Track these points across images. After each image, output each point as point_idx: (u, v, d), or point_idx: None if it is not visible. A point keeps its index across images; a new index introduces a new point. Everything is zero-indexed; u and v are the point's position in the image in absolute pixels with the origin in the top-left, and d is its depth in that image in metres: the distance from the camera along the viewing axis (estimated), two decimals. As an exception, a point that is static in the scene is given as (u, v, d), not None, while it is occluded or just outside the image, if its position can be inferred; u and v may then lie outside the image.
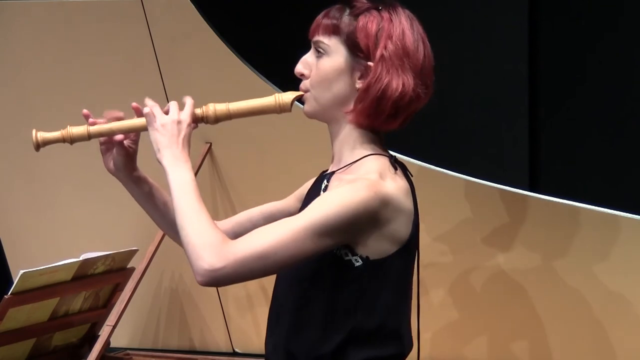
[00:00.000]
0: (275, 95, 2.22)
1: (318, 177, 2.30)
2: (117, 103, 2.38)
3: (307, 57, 2.23)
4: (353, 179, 2.12)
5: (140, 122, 2.24)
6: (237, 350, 3.78)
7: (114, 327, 3.34)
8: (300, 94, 2.22)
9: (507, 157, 4.02)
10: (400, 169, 2.21)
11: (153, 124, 2.18)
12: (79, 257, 3.31)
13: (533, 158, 4.00)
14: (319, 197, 2.13)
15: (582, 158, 3.95)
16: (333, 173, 2.22)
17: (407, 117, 2.20)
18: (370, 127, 2.20)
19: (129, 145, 2.31)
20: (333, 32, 2.18)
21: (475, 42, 4.03)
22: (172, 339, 3.84)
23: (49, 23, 3.58)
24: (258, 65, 3.33)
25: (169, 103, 2.22)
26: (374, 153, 2.19)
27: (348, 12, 2.19)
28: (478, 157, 4.01)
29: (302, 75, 2.22)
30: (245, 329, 3.72)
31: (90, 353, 3.29)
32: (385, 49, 2.15)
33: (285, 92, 2.22)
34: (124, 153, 2.31)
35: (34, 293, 3.20)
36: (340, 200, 2.07)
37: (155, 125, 2.18)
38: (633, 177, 3.85)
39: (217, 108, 2.23)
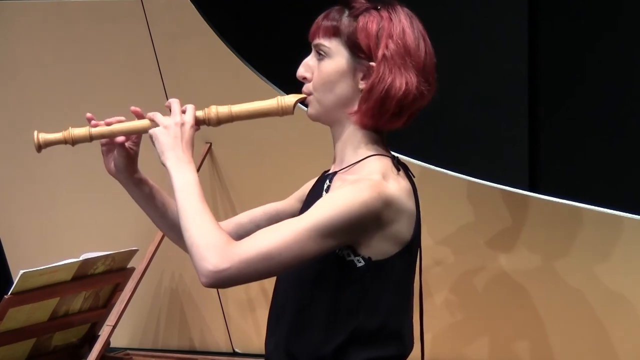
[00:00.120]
0: (278, 98, 2.21)
1: (320, 177, 2.30)
2: (117, 103, 2.38)
3: (308, 60, 2.22)
4: (356, 179, 2.12)
5: (142, 124, 2.23)
6: (237, 351, 3.77)
7: (114, 327, 3.33)
8: (303, 97, 2.22)
9: (507, 157, 4.01)
10: (403, 170, 2.21)
11: (156, 127, 2.18)
12: (79, 257, 3.30)
13: (533, 158, 4.00)
14: (323, 198, 2.13)
15: (582, 158, 3.95)
16: (335, 173, 2.22)
17: (411, 115, 2.20)
18: (374, 127, 2.20)
19: (130, 147, 2.30)
20: (333, 34, 2.18)
21: (475, 41, 4.02)
22: (172, 339, 3.84)
23: (49, 23, 3.57)
24: (258, 66, 3.32)
25: (171, 101, 2.21)
26: (377, 154, 2.20)
27: (347, 13, 2.19)
28: (478, 156, 4.00)
29: (304, 79, 2.22)
30: (246, 329, 3.72)
31: (90, 353, 3.29)
32: (387, 49, 2.15)
33: (288, 94, 2.22)
34: (125, 155, 2.30)
35: (34, 293, 3.20)
36: (344, 201, 2.07)
37: (159, 128, 2.18)
38: (633, 176, 3.85)
39: (219, 110, 2.22)
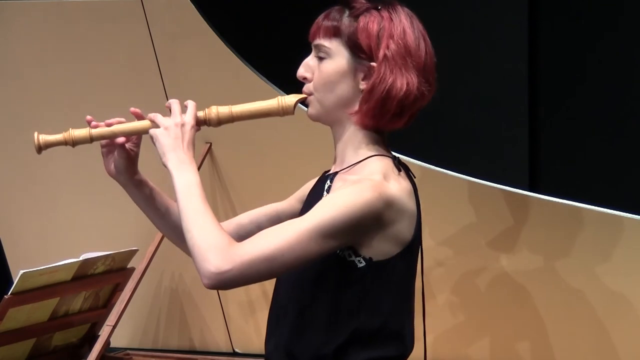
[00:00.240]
0: (279, 98, 2.21)
1: (320, 177, 2.30)
2: (117, 103, 2.38)
3: (308, 60, 2.22)
4: (357, 180, 2.12)
5: (143, 125, 2.23)
6: (237, 351, 3.77)
7: (114, 327, 3.33)
8: (304, 97, 2.22)
9: (507, 157, 4.01)
10: (403, 170, 2.21)
11: (157, 128, 2.18)
12: (79, 257, 3.30)
13: (533, 158, 4.00)
14: (324, 199, 2.13)
15: (582, 158, 3.95)
16: (336, 173, 2.22)
17: (411, 115, 2.20)
18: (375, 127, 2.20)
19: (131, 148, 2.30)
20: (334, 34, 2.18)
21: (475, 41, 4.02)
22: (172, 339, 3.83)
23: (49, 23, 3.56)
24: (258, 66, 3.32)
25: (171, 101, 2.21)
26: (378, 154, 2.20)
27: (348, 13, 2.19)
28: (478, 156, 4.00)
29: (304, 79, 2.22)
30: (246, 329, 3.72)
31: (90, 353, 3.29)
32: (388, 49, 2.15)
33: (288, 94, 2.22)
34: (126, 156, 2.30)
35: (34, 293, 3.20)
36: (345, 202, 2.07)
37: (159, 129, 2.17)
38: (633, 176, 3.85)
39: (219, 111, 2.22)
